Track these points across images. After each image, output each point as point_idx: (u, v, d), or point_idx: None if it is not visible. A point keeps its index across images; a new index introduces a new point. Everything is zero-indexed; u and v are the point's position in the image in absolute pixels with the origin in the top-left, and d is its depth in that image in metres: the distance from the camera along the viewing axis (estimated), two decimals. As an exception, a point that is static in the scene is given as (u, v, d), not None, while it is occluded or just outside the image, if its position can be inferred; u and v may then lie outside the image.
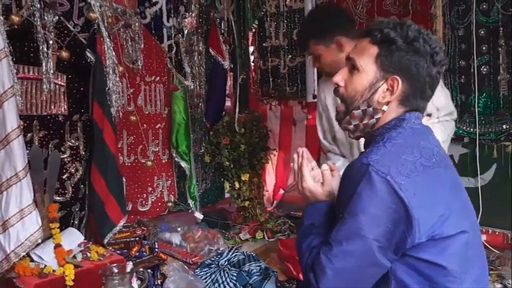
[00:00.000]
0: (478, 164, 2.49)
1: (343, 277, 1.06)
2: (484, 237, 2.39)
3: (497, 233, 2.45)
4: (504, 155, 2.49)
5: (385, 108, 1.15)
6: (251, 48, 3.29)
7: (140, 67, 2.57)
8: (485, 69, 2.43)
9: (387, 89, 1.14)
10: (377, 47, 1.14)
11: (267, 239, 2.88)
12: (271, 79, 3.22)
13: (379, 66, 1.13)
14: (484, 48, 2.42)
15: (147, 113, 2.74)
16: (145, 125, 2.70)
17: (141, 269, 2.04)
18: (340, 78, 1.20)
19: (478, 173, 2.48)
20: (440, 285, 1.05)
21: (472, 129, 2.51)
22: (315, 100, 2.96)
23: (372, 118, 1.16)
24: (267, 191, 3.47)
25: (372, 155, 1.06)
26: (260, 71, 3.30)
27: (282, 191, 3.52)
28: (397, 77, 1.12)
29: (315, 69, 2.90)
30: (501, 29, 2.35)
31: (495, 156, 2.51)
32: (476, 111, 2.47)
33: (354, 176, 1.06)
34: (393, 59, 1.11)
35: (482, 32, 2.41)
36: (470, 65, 2.45)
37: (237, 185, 3.07)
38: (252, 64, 3.33)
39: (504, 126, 2.44)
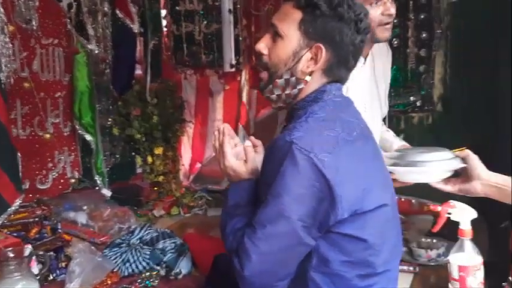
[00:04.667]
0: (387, 134, 2.60)
1: (269, 260, 1.04)
2: (391, 203, 2.51)
3: (402, 199, 2.57)
4: (411, 125, 2.63)
5: (308, 78, 1.12)
6: (163, 12, 3.10)
7: (35, 28, 2.35)
8: (396, 42, 2.51)
9: (311, 58, 1.11)
10: (301, 12, 1.10)
11: (183, 214, 2.80)
12: (185, 46, 3.06)
13: (302, 32, 1.10)
14: (395, 21, 2.47)
15: (44, 79, 2.48)
16: (42, 94, 2.46)
17: (41, 252, 1.92)
18: (263, 45, 1.16)
19: (387, 143, 2.58)
20: (360, 259, 1.07)
21: (382, 101, 2.60)
22: (232, 70, 2.91)
23: (294, 88, 1.13)
24: (183, 165, 3.38)
25: (295, 132, 1.04)
26: (173, 36, 3.12)
27: (198, 165, 3.43)
28: (321, 45, 1.09)
29: (232, 37, 2.82)
30: (411, 2, 2.43)
31: (403, 127, 2.65)
32: (388, 83, 2.56)
33: (277, 154, 1.04)
34: (317, 25, 1.08)
35: (394, 5, 2.47)
36: (383, 37, 2.51)
37: (149, 159, 2.95)
38: (165, 29, 3.15)
39: (412, 98, 2.57)
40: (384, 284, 1.12)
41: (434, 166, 1.37)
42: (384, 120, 2.12)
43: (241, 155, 1.21)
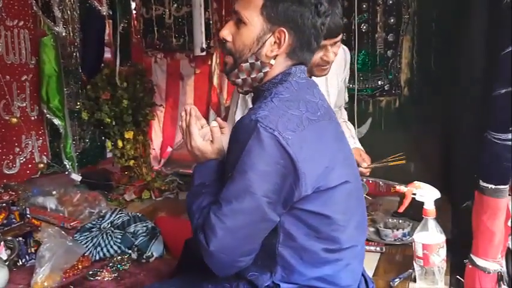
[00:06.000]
0: (355, 118, 2.65)
1: (234, 235, 1.06)
2: (358, 185, 2.57)
3: (370, 181, 2.64)
4: (378, 109, 2.69)
5: (272, 62, 1.14)
6: (132, -6, 3.04)
7: (-2, 9, 2.26)
8: (364, 27, 2.55)
9: (275, 42, 1.13)
10: None
11: (154, 198, 2.78)
12: (155, 29, 3.02)
13: (265, 18, 1.11)
14: (364, 6, 2.52)
15: (9, 62, 2.42)
16: (8, 77, 2.40)
17: (9, 238, 1.88)
18: (226, 32, 1.17)
19: (356, 126, 2.63)
20: (325, 234, 1.11)
21: (351, 86, 2.64)
22: (203, 54, 2.87)
23: (259, 72, 1.15)
24: (154, 149, 3.35)
25: (260, 111, 1.05)
26: (143, 19, 3.07)
27: (169, 149, 3.42)
28: (283, 29, 1.11)
29: (203, 20, 2.79)
30: (380, -13, 2.47)
31: (371, 110, 2.71)
32: (356, 68, 2.60)
33: (243, 133, 1.06)
34: (279, 10, 1.10)
35: (363, -10, 2.50)
36: (352, 22, 2.54)
37: (120, 143, 2.88)
38: (134, 12, 3.08)
39: (379, 82, 2.63)
40: (350, 259, 1.17)
41: None
42: (352, 104, 2.16)
43: (208, 136, 1.23)
